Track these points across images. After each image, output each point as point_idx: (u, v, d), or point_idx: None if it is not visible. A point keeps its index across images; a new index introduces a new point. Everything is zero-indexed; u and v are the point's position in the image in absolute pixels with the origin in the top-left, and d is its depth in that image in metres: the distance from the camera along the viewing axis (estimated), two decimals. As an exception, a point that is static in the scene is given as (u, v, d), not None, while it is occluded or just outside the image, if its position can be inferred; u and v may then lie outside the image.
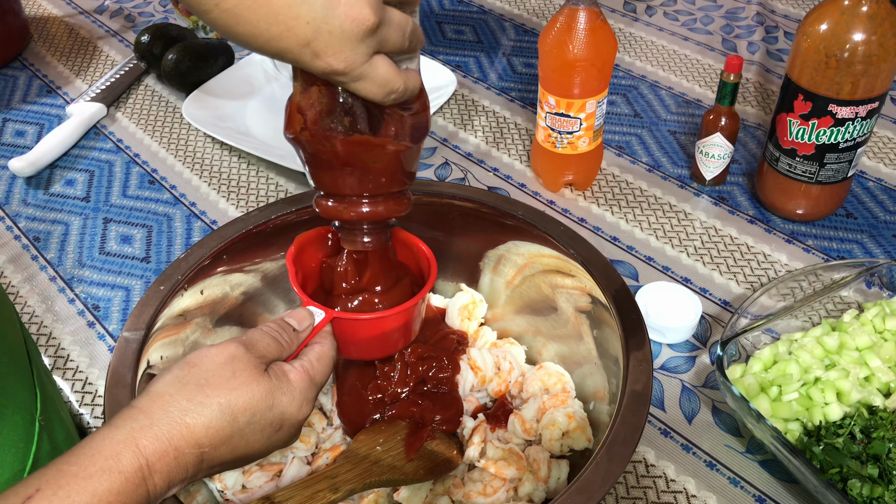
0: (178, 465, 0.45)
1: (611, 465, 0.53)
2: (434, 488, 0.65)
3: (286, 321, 0.55)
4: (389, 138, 0.52)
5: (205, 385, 0.48)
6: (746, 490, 0.69)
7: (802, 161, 0.88)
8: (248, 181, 1.03)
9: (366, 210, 0.56)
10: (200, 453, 0.46)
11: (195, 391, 0.47)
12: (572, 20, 0.86)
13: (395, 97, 0.50)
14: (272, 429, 0.50)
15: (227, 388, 0.48)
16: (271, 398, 0.50)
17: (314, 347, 0.56)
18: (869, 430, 0.66)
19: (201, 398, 0.47)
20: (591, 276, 0.67)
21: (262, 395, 0.49)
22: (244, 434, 0.48)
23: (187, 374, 0.48)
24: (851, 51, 0.79)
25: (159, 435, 0.45)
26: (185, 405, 0.46)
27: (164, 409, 0.46)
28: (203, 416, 0.46)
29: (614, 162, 1.05)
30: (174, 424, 0.45)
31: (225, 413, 0.47)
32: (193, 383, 0.48)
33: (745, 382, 0.72)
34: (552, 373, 0.71)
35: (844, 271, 0.79)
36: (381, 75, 0.48)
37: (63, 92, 1.21)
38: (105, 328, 0.86)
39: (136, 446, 0.44)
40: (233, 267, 0.72)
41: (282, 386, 0.51)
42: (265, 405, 0.49)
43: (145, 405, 0.46)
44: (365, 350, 0.63)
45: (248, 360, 0.50)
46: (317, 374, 0.54)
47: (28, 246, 0.96)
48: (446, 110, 1.14)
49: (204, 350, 0.50)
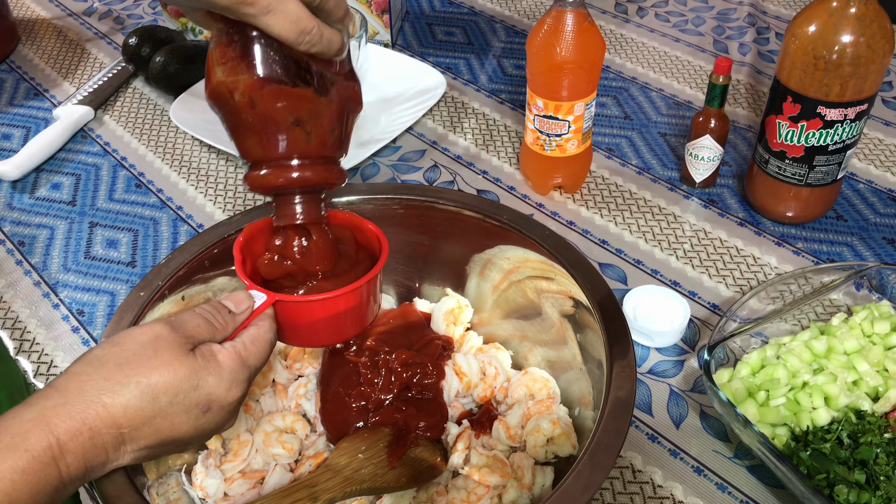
0: (95, 446, 0.44)
1: (593, 472, 0.53)
2: (417, 496, 0.64)
3: (222, 303, 0.54)
4: (309, 89, 0.50)
5: (124, 364, 0.46)
6: (734, 496, 0.69)
7: (792, 163, 0.87)
8: (236, 184, 1.02)
9: (294, 175, 0.54)
10: (119, 433, 0.45)
11: (114, 370, 0.46)
12: (559, 22, 0.85)
13: (308, 40, 0.48)
14: (199, 409, 0.49)
15: (148, 367, 0.47)
16: (195, 378, 0.48)
17: (250, 330, 0.54)
18: (856, 435, 0.65)
19: (120, 377, 0.46)
20: (577, 282, 0.66)
21: (186, 375, 0.47)
22: (167, 415, 0.47)
23: (107, 352, 0.47)
24: (840, 52, 0.78)
25: (72, 413, 0.43)
26: (103, 384, 0.45)
27: (80, 387, 0.45)
28: (121, 395, 0.45)
29: (604, 164, 1.04)
30: (89, 403, 0.44)
31: (145, 392, 0.46)
32: (113, 362, 0.46)
33: (732, 387, 0.71)
34: (537, 378, 0.70)
35: (834, 274, 0.79)
36: (291, 10, 0.47)
37: (50, 95, 1.20)
38: (90, 333, 0.85)
39: (47, 424, 0.42)
40: (215, 272, 0.72)
41: (208, 366, 0.49)
42: (189, 385, 0.48)
43: (61, 384, 0.45)
44: (313, 336, 0.60)
45: (173, 340, 0.48)
46: (250, 355, 0.52)
47: (13, 250, 0.95)
48: (436, 112, 1.14)
49: (129, 329, 0.49)
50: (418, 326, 0.74)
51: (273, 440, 0.66)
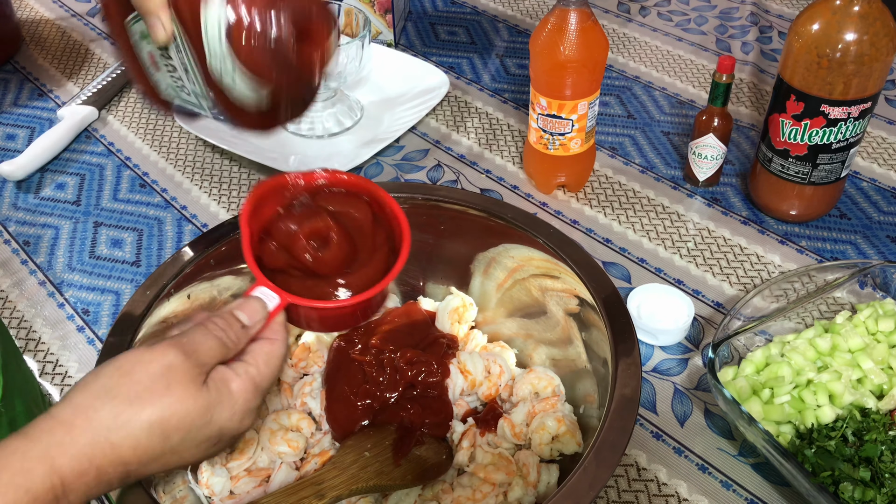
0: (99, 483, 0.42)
1: (599, 470, 0.53)
2: (423, 494, 0.64)
3: (236, 316, 0.51)
4: None
5: (135, 400, 0.43)
6: (739, 493, 0.69)
7: (795, 162, 0.87)
8: (240, 184, 1.02)
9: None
10: (126, 471, 0.43)
11: (124, 406, 0.43)
12: (563, 21, 0.85)
13: None
14: (208, 443, 0.47)
15: (161, 406, 0.44)
16: (209, 414, 0.46)
17: (263, 347, 0.51)
18: (861, 433, 0.65)
19: (130, 415, 0.43)
20: (581, 280, 0.66)
21: (199, 412, 0.45)
22: (177, 451, 0.45)
23: (116, 383, 0.44)
24: (843, 51, 0.78)
25: (78, 455, 0.41)
26: (111, 422, 0.42)
27: (88, 423, 0.42)
28: (131, 434, 0.43)
29: (607, 163, 1.04)
30: (98, 444, 0.42)
31: (155, 431, 0.43)
32: (122, 396, 0.43)
33: (736, 385, 0.71)
34: (542, 376, 0.70)
35: (837, 272, 0.79)
36: None
37: (54, 95, 1.21)
38: (95, 333, 0.85)
39: (52, 464, 0.40)
40: (221, 270, 0.72)
41: (222, 400, 0.47)
42: (202, 421, 0.45)
43: (67, 417, 0.42)
44: (323, 325, 0.60)
45: (186, 371, 0.45)
46: (263, 379, 0.50)
47: (18, 250, 0.95)
48: (439, 112, 1.14)
49: (138, 354, 0.46)
50: (423, 325, 0.75)
51: (279, 438, 0.66)
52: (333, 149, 1.06)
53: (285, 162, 1.02)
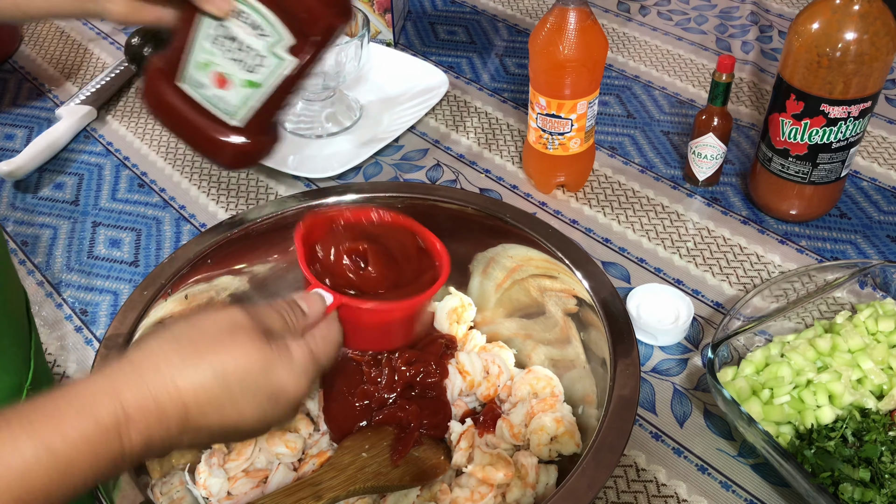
0: (159, 422, 0.43)
1: (597, 470, 0.53)
2: (421, 494, 0.64)
3: (297, 303, 0.54)
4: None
5: (201, 347, 0.46)
6: (738, 494, 0.69)
7: (795, 161, 0.87)
8: (238, 184, 1.02)
9: None
10: (186, 414, 0.45)
11: (190, 351, 0.46)
12: (562, 20, 0.85)
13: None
14: (266, 399, 0.48)
15: (224, 350, 0.46)
16: (269, 366, 0.48)
17: (321, 328, 0.54)
18: (861, 433, 0.65)
19: (196, 360, 0.45)
20: (580, 280, 0.66)
21: (260, 362, 0.47)
22: (236, 400, 0.46)
23: (184, 332, 0.47)
24: (843, 50, 0.78)
25: (143, 391, 0.43)
26: (178, 364, 0.45)
27: (156, 365, 0.44)
28: (194, 376, 0.45)
29: (607, 163, 1.04)
30: (163, 383, 0.44)
31: (217, 374, 0.45)
32: (189, 342, 0.46)
33: (736, 385, 0.71)
34: (541, 377, 0.70)
35: (838, 272, 0.79)
36: None
37: (53, 95, 1.20)
38: (93, 333, 0.85)
39: (118, 396, 0.42)
40: (219, 270, 0.72)
41: (282, 357, 0.49)
42: (261, 372, 0.47)
43: (136, 359, 0.45)
44: (366, 341, 0.61)
45: (251, 328, 0.48)
46: (321, 354, 0.52)
47: (16, 250, 0.95)
48: (438, 111, 1.14)
49: (207, 312, 0.49)
50: (421, 325, 0.74)
51: (276, 439, 0.66)
52: (332, 148, 1.06)
53: (284, 162, 1.02)
